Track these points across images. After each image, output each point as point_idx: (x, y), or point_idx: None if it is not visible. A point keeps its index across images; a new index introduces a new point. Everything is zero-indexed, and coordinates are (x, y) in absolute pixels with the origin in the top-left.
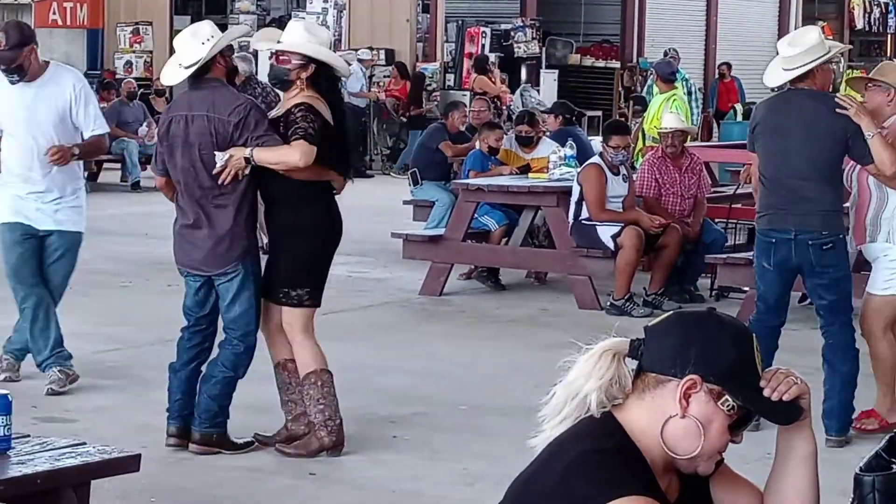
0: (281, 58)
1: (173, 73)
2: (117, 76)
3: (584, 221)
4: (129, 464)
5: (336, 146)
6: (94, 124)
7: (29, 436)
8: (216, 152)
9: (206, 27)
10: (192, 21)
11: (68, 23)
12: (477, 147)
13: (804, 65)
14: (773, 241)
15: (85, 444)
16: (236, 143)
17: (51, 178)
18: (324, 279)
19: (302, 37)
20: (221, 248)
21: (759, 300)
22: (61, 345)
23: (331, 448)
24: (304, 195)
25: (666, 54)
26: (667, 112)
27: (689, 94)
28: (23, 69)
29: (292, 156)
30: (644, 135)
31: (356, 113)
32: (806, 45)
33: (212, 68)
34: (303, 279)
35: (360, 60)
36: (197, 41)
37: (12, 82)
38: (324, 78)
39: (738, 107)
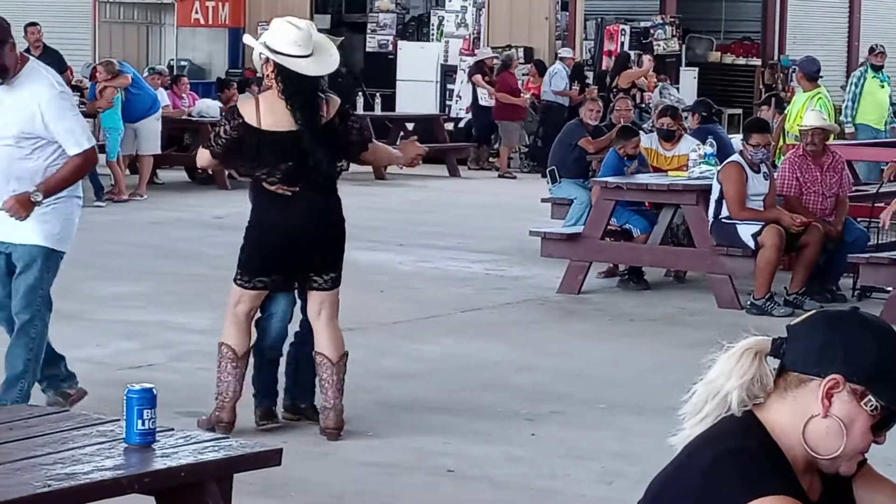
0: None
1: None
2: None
3: (724, 220)
4: (271, 458)
5: (256, 147)
6: (74, 141)
7: (173, 429)
8: None
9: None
10: (333, 19)
11: (210, 22)
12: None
13: None
14: None
15: (228, 437)
16: None
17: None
18: (256, 266)
19: (267, 34)
20: None
21: None
22: (57, 366)
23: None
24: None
25: (872, 50)
26: (809, 110)
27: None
28: (7, 69)
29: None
30: (785, 133)
31: (555, 110)
32: None
33: None
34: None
35: (561, 59)
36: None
37: None
38: (282, 76)
39: None
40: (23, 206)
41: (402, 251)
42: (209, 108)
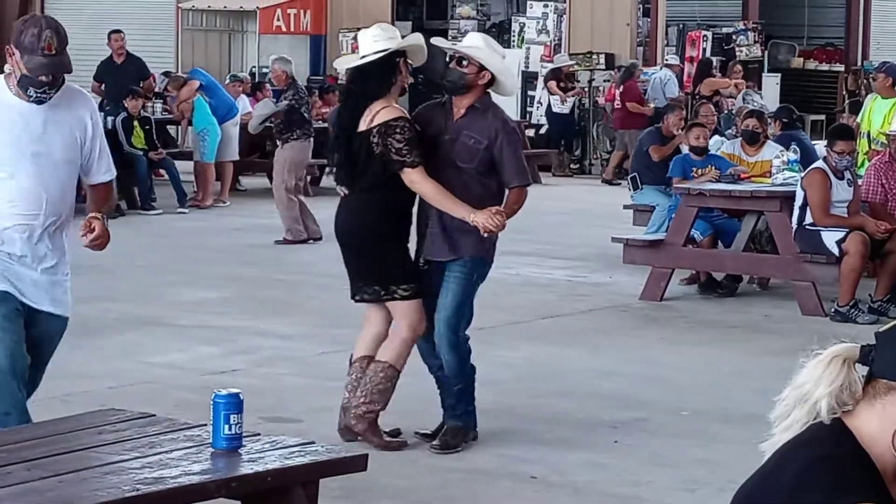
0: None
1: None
2: (339, 81)
3: (807, 227)
4: (356, 463)
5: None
6: (105, 168)
7: (259, 434)
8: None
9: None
10: (414, 27)
11: (292, 29)
12: (684, 149)
13: None
14: None
15: (314, 443)
16: None
17: (53, 242)
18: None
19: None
20: None
21: None
22: None
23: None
24: None
25: None
26: None
27: None
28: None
29: None
30: (870, 139)
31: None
32: None
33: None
34: None
35: (668, 66)
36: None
37: (40, 100)
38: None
39: None
40: (105, 239)
41: None
42: None
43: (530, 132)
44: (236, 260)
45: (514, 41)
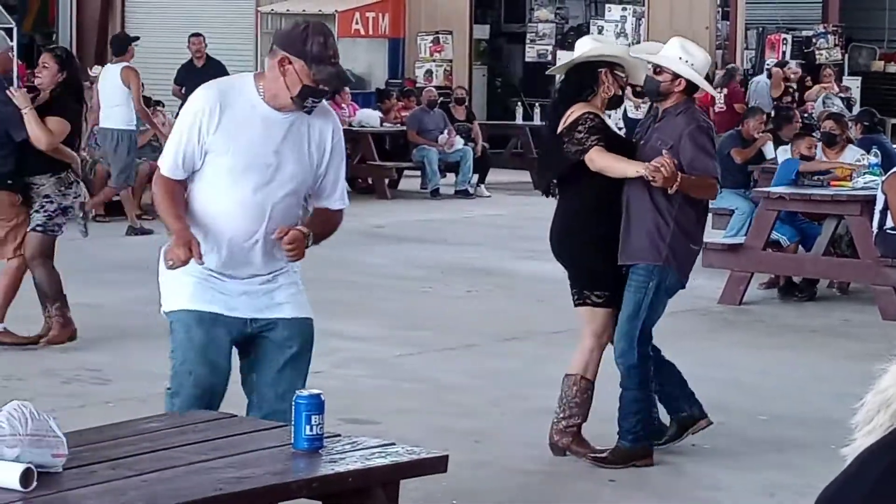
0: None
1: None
2: (417, 85)
3: (888, 231)
4: (437, 464)
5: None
6: (339, 196)
7: (340, 435)
8: None
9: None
10: (492, 30)
11: (370, 32)
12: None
13: None
14: None
15: (394, 444)
16: None
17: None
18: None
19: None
20: None
21: None
22: None
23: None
24: None
25: None
26: None
27: None
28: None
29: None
30: None
31: None
32: None
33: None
34: None
35: (767, 69)
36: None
37: (309, 111)
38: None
39: None
40: (300, 249)
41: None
42: (369, 118)
43: None
44: (312, 262)
45: None
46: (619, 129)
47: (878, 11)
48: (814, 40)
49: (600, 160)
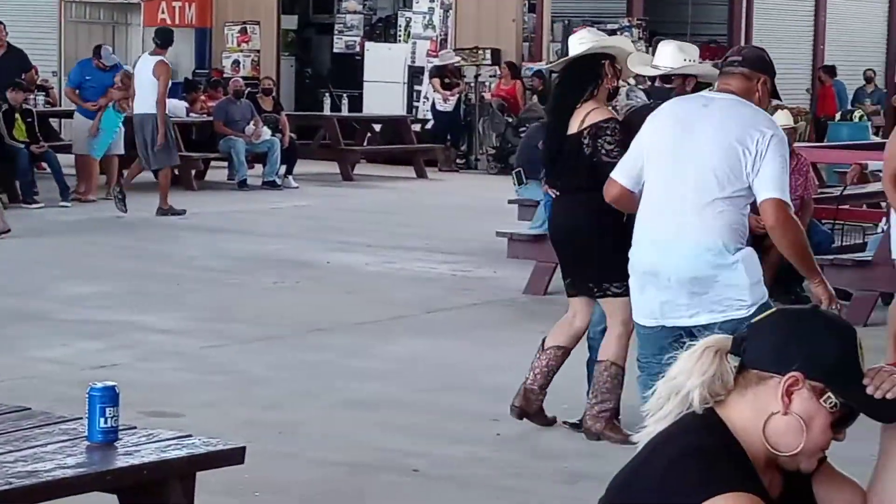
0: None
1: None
2: (225, 75)
3: None
4: (234, 456)
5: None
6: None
7: (135, 427)
8: None
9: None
10: (300, 20)
11: (177, 22)
12: None
13: None
14: None
15: (191, 436)
16: None
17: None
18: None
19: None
20: None
21: None
22: None
23: None
24: None
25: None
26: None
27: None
28: None
29: None
30: None
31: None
32: None
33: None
34: None
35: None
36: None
37: None
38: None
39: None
40: None
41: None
42: (175, 108)
43: (416, 127)
44: (121, 254)
45: (400, 36)
46: (428, 119)
47: (682, 5)
48: (619, 33)
49: None
